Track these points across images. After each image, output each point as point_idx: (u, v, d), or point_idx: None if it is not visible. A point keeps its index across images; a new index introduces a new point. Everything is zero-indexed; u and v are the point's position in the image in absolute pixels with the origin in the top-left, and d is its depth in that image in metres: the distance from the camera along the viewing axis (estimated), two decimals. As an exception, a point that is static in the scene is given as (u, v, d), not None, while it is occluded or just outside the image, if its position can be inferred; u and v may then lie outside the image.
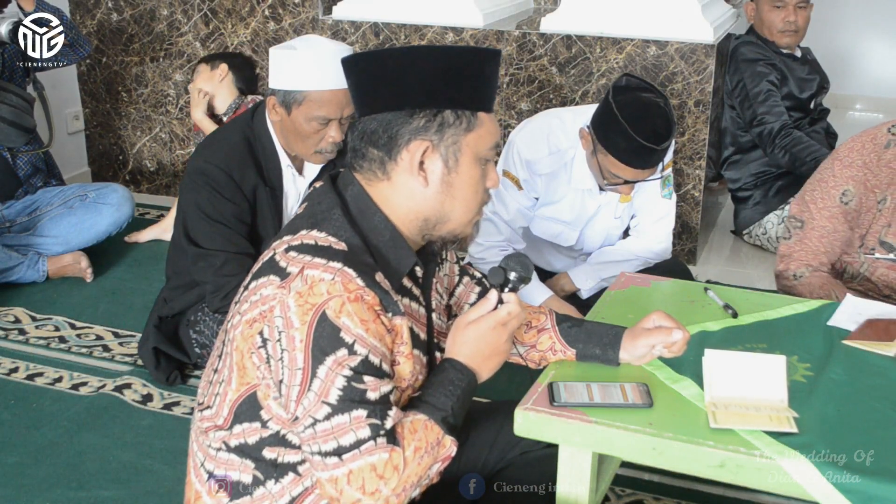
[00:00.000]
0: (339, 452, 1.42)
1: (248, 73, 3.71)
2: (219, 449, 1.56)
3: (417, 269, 1.60)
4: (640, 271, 2.73)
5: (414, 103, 1.51)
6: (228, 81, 3.64)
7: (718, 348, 1.69)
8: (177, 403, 2.70)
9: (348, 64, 1.57)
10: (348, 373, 1.42)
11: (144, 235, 3.89)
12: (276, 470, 1.52)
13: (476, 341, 1.57)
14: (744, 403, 1.59)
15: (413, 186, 1.54)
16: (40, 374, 2.87)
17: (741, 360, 1.63)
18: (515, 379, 2.21)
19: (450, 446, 1.51)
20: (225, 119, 3.60)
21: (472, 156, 1.55)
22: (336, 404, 1.42)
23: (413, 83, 1.51)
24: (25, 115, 3.45)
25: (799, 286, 2.45)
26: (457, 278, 1.85)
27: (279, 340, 1.45)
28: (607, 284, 2.77)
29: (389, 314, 1.49)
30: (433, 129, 1.52)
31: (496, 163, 1.93)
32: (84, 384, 2.81)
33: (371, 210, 1.55)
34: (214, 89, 3.63)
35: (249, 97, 3.63)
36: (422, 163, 1.53)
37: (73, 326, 3.18)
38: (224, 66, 3.64)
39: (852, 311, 1.97)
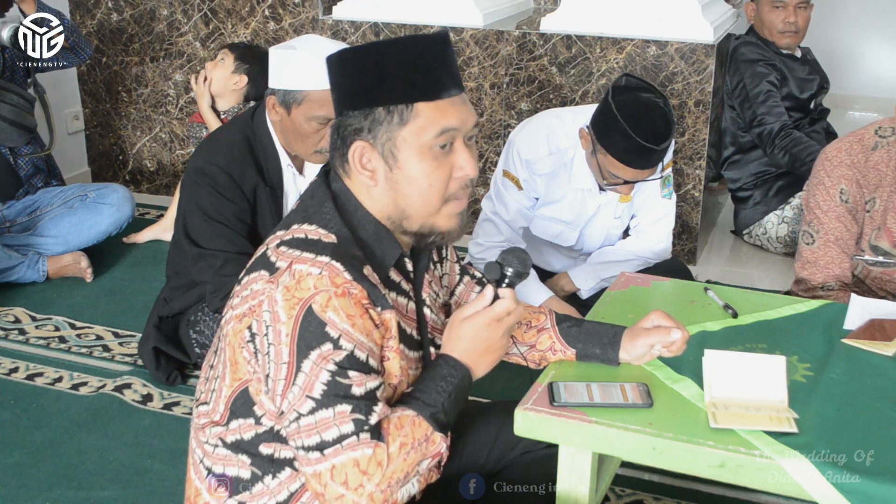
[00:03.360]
0: (321, 447, 1.42)
1: (263, 85, 3.36)
2: (216, 445, 1.56)
3: (407, 262, 1.60)
4: (640, 271, 2.73)
5: (350, 105, 1.52)
6: (241, 91, 3.62)
7: (718, 348, 1.69)
8: (177, 403, 2.70)
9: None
10: (333, 367, 1.42)
11: (143, 236, 3.88)
12: (272, 465, 1.52)
13: (471, 337, 1.56)
14: (744, 403, 1.59)
15: (367, 185, 1.54)
16: (40, 374, 2.87)
17: (741, 360, 1.63)
18: (515, 379, 2.21)
19: (439, 443, 1.50)
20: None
21: (413, 150, 1.50)
22: (320, 399, 1.41)
23: (347, 85, 1.52)
24: (26, 115, 3.45)
25: (825, 296, 2.42)
26: (457, 277, 1.84)
27: (266, 335, 1.44)
28: (607, 284, 2.77)
29: (378, 308, 1.48)
30: (366, 128, 1.51)
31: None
32: (84, 384, 2.81)
33: (353, 204, 1.55)
34: (221, 90, 3.62)
35: (253, 103, 3.60)
36: (368, 161, 1.53)
37: (73, 326, 3.18)
38: (244, 78, 3.59)
39: (861, 312, 1.97)
